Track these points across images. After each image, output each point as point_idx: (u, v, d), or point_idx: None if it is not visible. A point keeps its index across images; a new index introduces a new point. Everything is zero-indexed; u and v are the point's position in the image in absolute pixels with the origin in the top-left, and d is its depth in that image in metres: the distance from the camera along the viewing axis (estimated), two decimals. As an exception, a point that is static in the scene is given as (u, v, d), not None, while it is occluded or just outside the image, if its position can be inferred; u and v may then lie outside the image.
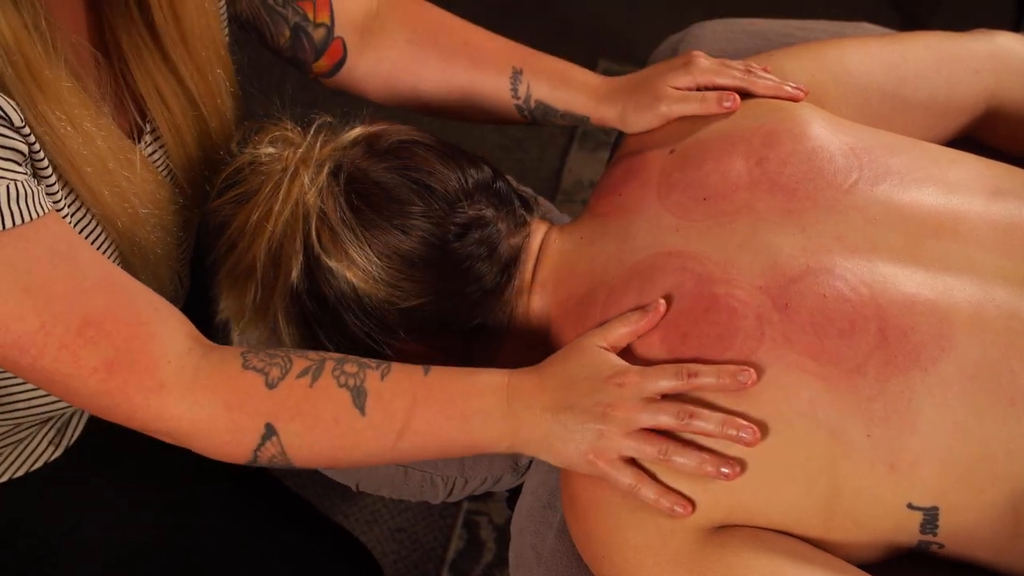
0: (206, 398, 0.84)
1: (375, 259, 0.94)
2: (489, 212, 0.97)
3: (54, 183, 0.85)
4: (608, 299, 0.92)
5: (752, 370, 0.83)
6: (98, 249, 0.92)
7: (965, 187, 0.93)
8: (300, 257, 0.96)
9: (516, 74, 1.10)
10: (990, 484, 0.82)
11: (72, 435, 1.08)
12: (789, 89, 1.01)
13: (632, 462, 0.86)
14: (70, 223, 0.87)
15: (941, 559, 0.87)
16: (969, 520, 0.83)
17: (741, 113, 0.98)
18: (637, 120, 1.05)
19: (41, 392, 1.01)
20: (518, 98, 1.11)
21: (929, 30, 1.11)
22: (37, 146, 0.82)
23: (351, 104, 1.02)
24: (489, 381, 0.88)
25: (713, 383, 0.84)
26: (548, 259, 1.00)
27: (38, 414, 1.02)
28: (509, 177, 1.06)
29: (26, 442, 1.05)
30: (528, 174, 2.14)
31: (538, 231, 1.02)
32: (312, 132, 0.99)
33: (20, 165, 0.79)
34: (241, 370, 0.86)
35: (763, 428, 0.83)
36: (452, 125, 2.16)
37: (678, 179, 0.95)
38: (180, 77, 0.96)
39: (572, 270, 0.97)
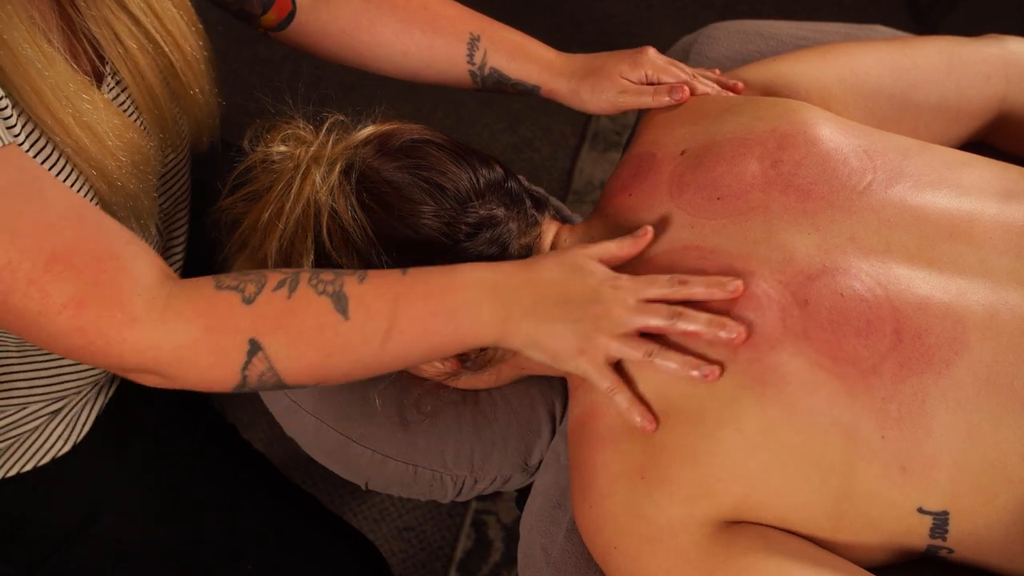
0: (182, 324, 0.81)
1: (386, 258, 0.94)
2: (500, 212, 0.98)
3: (11, 115, 0.84)
4: None
5: (740, 280, 0.85)
6: (69, 185, 0.91)
7: (978, 190, 0.93)
8: (311, 256, 0.96)
9: (474, 40, 1.12)
10: (1004, 488, 0.82)
11: (81, 431, 1.08)
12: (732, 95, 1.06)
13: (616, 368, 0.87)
14: (35, 158, 0.86)
15: (951, 564, 0.87)
16: (980, 525, 0.83)
17: (753, 115, 0.98)
18: (592, 102, 1.10)
19: (41, 373, 1.01)
20: (473, 64, 1.12)
21: (941, 34, 1.11)
22: None
23: (363, 102, 1.02)
24: (472, 275, 0.87)
25: (702, 292, 0.85)
26: None
27: (41, 396, 1.02)
28: (520, 177, 1.06)
29: (35, 436, 1.05)
30: (539, 174, 2.14)
31: (549, 231, 1.02)
32: (324, 130, 0.99)
33: None
34: (215, 291, 0.83)
35: (783, 422, 0.83)
36: (463, 125, 2.17)
37: (690, 180, 0.95)
38: (132, 14, 0.95)
39: None
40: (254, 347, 0.83)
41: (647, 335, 0.87)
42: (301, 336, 0.83)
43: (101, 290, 0.80)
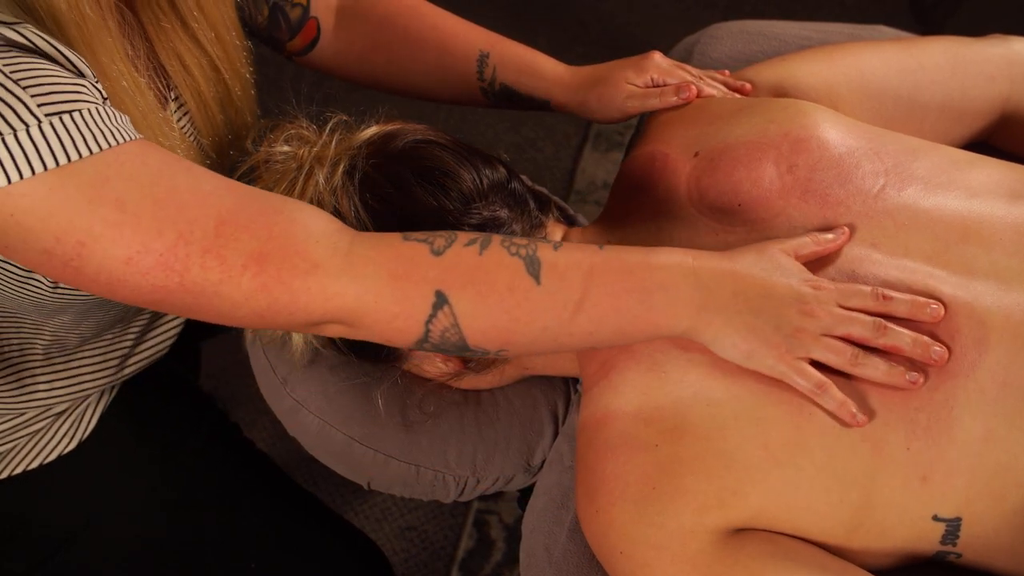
0: (368, 268, 0.79)
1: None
2: (504, 213, 0.97)
3: None
4: None
5: (940, 305, 0.84)
6: None
7: (986, 191, 0.92)
8: None
9: (483, 57, 1.12)
10: (1013, 491, 0.82)
11: (87, 428, 1.08)
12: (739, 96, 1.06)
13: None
14: None
15: (958, 567, 0.87)
16: (989, 529, 0.83)
17: (765, 117, 0.98)
18: (600, 111, 1.10)
19: (62, 376, 1.01)
20: (483, 81, 1.13)
21: (945, 34, 1.11)
22: (108, 101, 0.82)
23: (367, 103, 1.02)
24: (671, 257, 0.84)
25: (904, 311, 0.84)
26: None
27: (58, 398, 1.03)
28: (524, 177, 1.06)
29: (41, 434, 1.05)
30: (541, 173, 2.14)
31: (554, 232, 1.02)
32: (327, 130, 0.99)
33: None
34: (403, 241, 0.81)
35: (815, 441, 0.83)
36: (467, 125, 2.17)
37: (709, 184, 0.95)
38: (200, 43, 0.96)
39: None
40: (440, 300, 0.80)
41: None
42: (490, 294, 0.81)
43: (277, 241, 0.78)
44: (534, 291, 0.82)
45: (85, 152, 0.73)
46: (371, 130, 1.00)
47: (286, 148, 0.98)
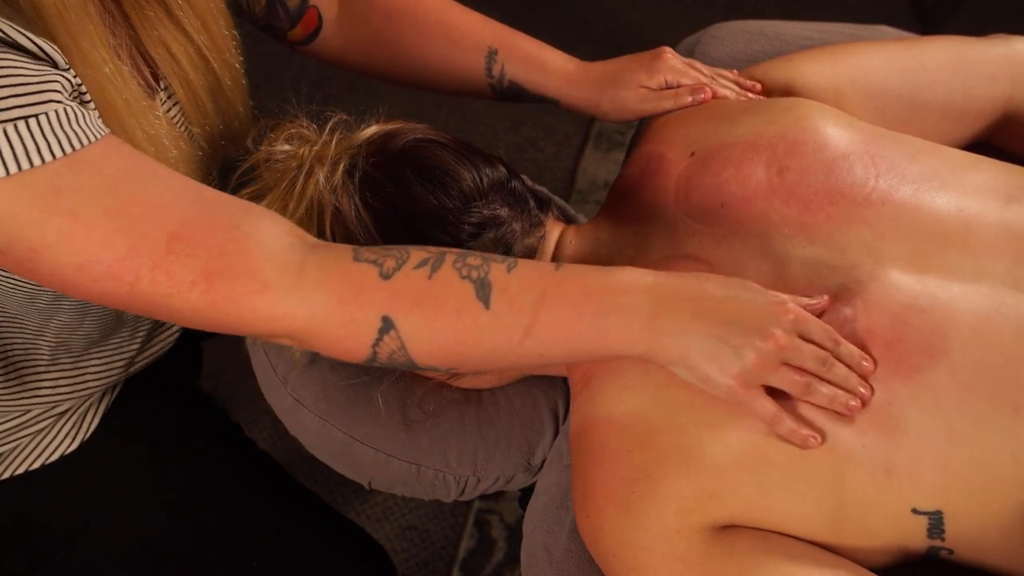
0: (317, 293, 0.79)
1: (389, 258, 0.94)
2: (503, 212, 0.97)
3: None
4: None
5: (872, 362, 0.83)
6: None
7: (981, 193, 0.92)
8: None
9: (491, 53, 1.12)
10: (998, 491, 0.82)
11: (88, 428, 1.08)
12: (751, 96, 1.06)
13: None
14: None
15: (954, 565, 0.87)
16: (977, 528, 0.83)
17: (766, 118, 0.98)
18: (612, 113, 1.10)
19: (66, 376, 1.01)
20: (492, 77, 1.12)
21: (947, 34, 1.11)
22: (84, 87, 0.81)
23: (367, 102, 1.02)
24: (632, 278, 0.83)
25: (846, 358, 0.83)
26: (564, 260, 1.00)
27: (62, 397, 1.03)
28: (524, 176, 1.06)
29: (43, 434, 1.05)
30: (543, 173, 2.14)
31: (553, 231, 1.02)
32: (328, 130, 0.99)
33: (69, 96, 0.78)
34: (353, 262, 0.81)
35: (766, 443, 0.85)
36: (467, 124, 2.17)
37: (696, 183, 0.95)
38: (186, 31, 0.95)
39: None
40: (387, 324, 0.80)
41: None
42: (437, 319, 0.81)
43: (228, 259, 0.78)
44: (483, 316, 0.81)
45: (37, 161, 0.72)
46: (371, 129, 1.00)
47: (286, 147, 0.98)
